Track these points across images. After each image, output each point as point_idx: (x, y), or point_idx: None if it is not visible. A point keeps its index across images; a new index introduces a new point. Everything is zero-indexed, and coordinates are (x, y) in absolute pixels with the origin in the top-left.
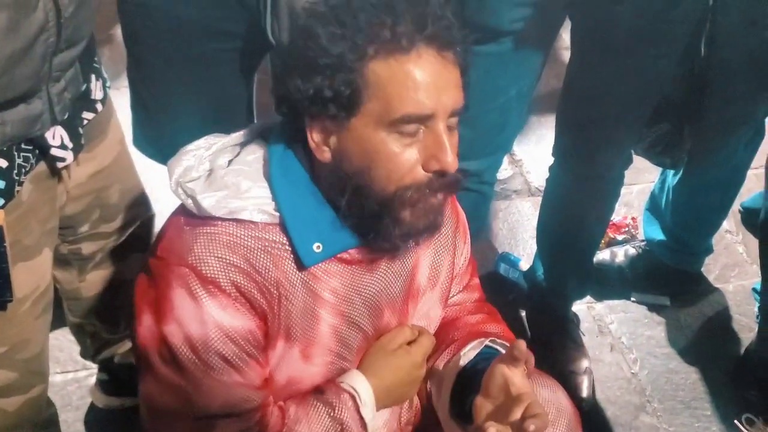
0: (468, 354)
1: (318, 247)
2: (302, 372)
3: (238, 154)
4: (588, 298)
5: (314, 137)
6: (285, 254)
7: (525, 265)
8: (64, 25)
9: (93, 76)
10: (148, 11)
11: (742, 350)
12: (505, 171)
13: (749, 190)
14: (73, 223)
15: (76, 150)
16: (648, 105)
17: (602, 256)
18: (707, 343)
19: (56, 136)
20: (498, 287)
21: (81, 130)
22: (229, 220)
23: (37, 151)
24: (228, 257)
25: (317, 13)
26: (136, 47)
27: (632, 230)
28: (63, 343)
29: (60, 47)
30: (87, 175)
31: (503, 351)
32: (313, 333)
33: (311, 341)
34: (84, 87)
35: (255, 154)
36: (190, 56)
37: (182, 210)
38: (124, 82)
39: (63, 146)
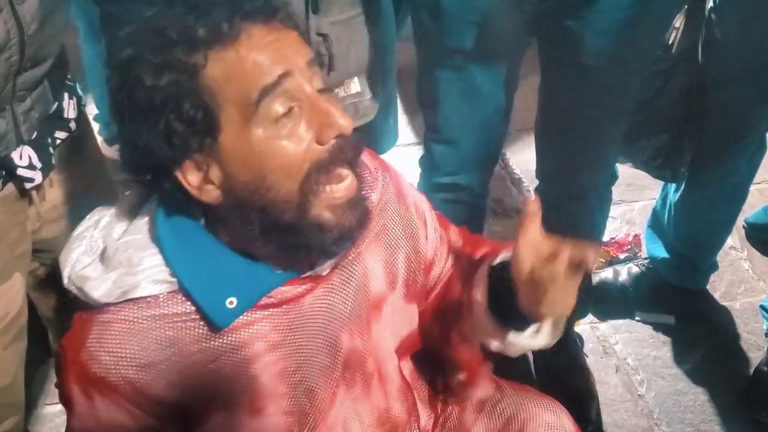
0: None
1: (231, 302)
2: (260, 427)
3: (133, 220)
4: (591, 318)
5: (191, 182)
6: (194, 323)
7: None
8: (27, 43)
9: (66, 95)
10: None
11: (752, 370)
12: (506, 189)
13: (752, 206)
14: (52, 246)
15: (46, 170)
16: (623, 122)
17: (605, 274)
18: (715, 363)
19: (23, 156)
20: None
21: (52, 150)
22: (124, 302)
23: (3, 172)
24: (121, 351)
25: (129, 60)
26: None
27: (635, 248)
28: (53, 375)
29: (24, 66)
30: (63, 196)
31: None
32: (255, 388)
33: (256, 395)
34: (55, 106)
35: (147, 215)
36: None
37: None
38: None
39: (31, 166)
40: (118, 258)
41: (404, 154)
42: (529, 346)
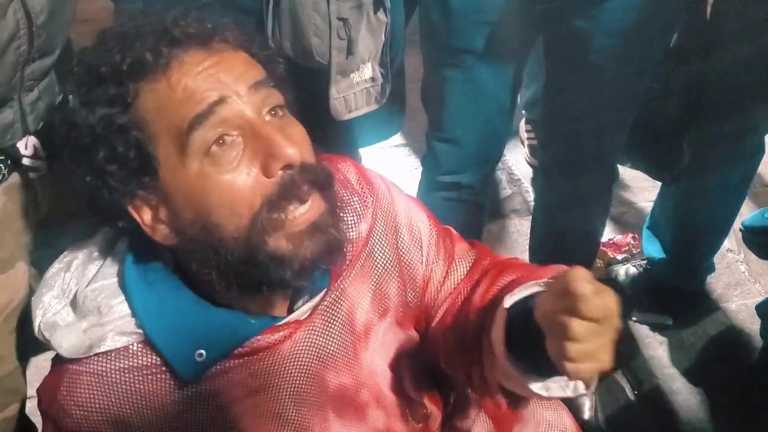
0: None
1: (200, 354)
2: None
3: (104, 261)
4: None
5: (145, 220)
6: (164, 375)
7: None
8: (36, 34)
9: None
10: None
11: (747, 370)
12: (504, 190)
13: (749, 209)
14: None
15: (51, 160)
16: (626, 122)
17: (602, 275)
18: (711, 364)
19: (29, 146)
20: None
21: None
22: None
23: (8, 162)
24: (92, 405)
25: (65, 99)
26: None
27: (632, 249)
28: None
29: (32, 56)
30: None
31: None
32: (239, 429)
33: None
34: (60, 96)
35: (118, 257)
36: None
37: None
38: None
39: (36, 156)
40: (87, 306)
41: (398, 155)
42: (557, 396)
